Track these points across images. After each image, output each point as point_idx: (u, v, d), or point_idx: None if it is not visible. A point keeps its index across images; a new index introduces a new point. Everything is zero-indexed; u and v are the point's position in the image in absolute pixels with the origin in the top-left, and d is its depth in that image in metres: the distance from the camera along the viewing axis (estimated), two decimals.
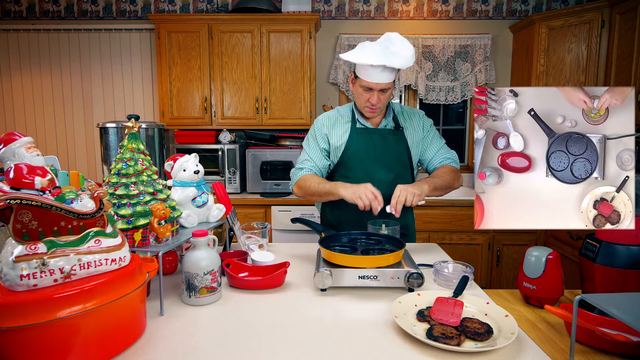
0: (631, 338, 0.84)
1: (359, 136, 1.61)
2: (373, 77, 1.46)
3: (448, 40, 3.33)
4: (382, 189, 1.55)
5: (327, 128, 1.65)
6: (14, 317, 0.68)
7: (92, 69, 3.46)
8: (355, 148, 1.61)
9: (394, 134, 1.62)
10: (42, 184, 0.78)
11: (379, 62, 1.40)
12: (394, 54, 1.43)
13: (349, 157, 1.62)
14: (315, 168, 1.65)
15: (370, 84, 1.48)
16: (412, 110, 1.70)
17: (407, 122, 1.65)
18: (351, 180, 1.58)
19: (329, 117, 1.68)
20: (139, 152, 1.08)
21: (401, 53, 1.44)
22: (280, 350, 0.82)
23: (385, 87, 1.49)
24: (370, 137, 1.61)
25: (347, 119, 1.65)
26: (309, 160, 1.66)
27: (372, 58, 1.41)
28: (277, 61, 3.12)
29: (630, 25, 2.53)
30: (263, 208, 2.98)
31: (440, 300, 0.95)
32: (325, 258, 1.16)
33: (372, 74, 1.46)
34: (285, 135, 3.24)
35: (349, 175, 1.63)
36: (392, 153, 1.61)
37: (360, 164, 1.61)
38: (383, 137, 1.61)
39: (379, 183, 1.57)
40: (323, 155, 1.66)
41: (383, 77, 1.46)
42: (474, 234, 2.91)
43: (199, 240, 1.03)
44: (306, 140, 1.71)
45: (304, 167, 1.65)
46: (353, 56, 1.45)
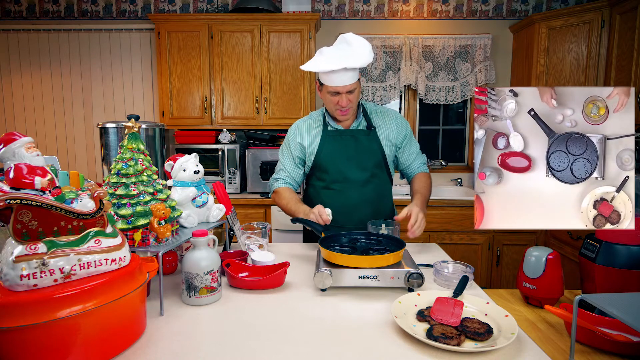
0: (631, 338, 0.84)
1: (331, 138, 1.64)
2: (337, 81, 1.48)
3: (448, 40, 3.33)
4: (357, 188, 1.63)
5: (299, 136, 1.69)
6: (14, 317, 0.68)
7: (92, 69, 3.46)
8: (328, 150, 1.63)
9: (366, 133, 1.63)
10: (42, 184, 0.78)
11: (339, 65, 1.43)
12: (351, 55, 1.45)
13: (322, 159, 1.64)
14: (289, 178, 1.71)
15: (337, 88, 1.50)
16: (386, 110, 1.72)
17: (380, 120, 1.66)
18: (327, 182, 1.65)
19: (301, 124, 1.72)
20: (139, 152, 1.08)
21: (358, 51, 1.46)
22: (280, 350, 0.82)
23: (351, 88, 1.51)
24: (342, 139, 1.63)
25: (319, 123, 1.68)
26: (284, 171, 1.72)
27: (331, 64, 1.44)
28: (277, 61, 3.12)
29: (630, 25, 2.53)
30: (263, 208, 2.98)
31: (440, 300, 0.95)
32: (325, 258, 1.16)
33: (335, 78, 1.48)
34: (285, 135, 3.23)
35: (324, 177, 1.66)
36: (365, 152, 1.62)
37: (333, 166, 1.63)
38: (355, 137, 1.63)
39: (354, 183, 1.63)
40: (296, 164, 1.71)
41: (346, 79, 1.48)
42: (474, 234, 2.91)
43: (199, 240, 1.03)
44: (281, 149, 1.76)
45: (280, 177, 1.72)
46: (313, 65, 1.48)
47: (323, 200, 1.66)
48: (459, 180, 3.49)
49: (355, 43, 1.47)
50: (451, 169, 3.56)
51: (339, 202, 1.62)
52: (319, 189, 1.68)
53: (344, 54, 1.46)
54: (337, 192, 1.64)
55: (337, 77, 1.47)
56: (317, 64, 1.47)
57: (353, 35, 1.50)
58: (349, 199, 1.62)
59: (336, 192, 1.64)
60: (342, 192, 1.63)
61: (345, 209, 1.61)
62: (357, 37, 1.50)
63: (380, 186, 1.68)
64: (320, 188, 1.68)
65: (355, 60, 1.44)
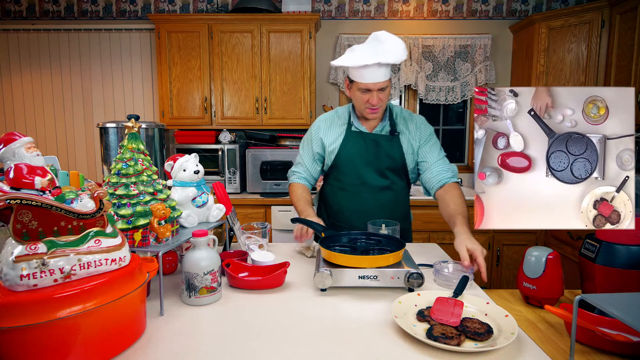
0: (631, 338, 0.84)
1: (353, 140, 1.60)
2: (369, 78, 1.44)
3: (448, 40, 3.33)
4: (373, 193, 1.59)
5: (322, 131, 1.65)
6: (14, 317, 0.68)
7: (92, 69, 3.46)
8: (348, 152, 1.60)
9: (388, 139, 1.58)
10: (42, 184, 0.78)
11: (372, 60, 1.38)
12: (384, 51, 1.41)
13: (342, 161, 1.61)
14: (306, 173, 1.70)
15: (368, 85, 1.45)
16: (412, 115, 1.65)
17: (404, 127, 1.61)
18: (344, 184, 1.63)
19: (326, 119, 1.68)
20: (139, 152, 1.08)
21: (392, 47, 1.42)
22: (280, 350, 0.82)
23: (383, 85, 1.46)
24: (364, 142, 1.59)
25: (344, 120, 1.64)
26: (302, 165, 1.71)
27: (364, 58, 1.39)
28: (277, 61, 3.12)
29: (630, 25, 2.53)
30: (263, 208, 2.98)
31: (440, 300, 0.95)
32: (325, 258, 1.16)
33: (367, 74, 1.43)
34: (285, 135, 3.23)
35: (341, 178, 1.64)
36: (385, 159, 1.59)
37: (352, 169, 1.60)
38: (377, 142, 1.59)
39: (371, 188, 1.59)
40: (315, 159, 1.69)
41: (379, 76, 1.43)
42: (474, 233, 2.90)
43: (199, 240, 1.03)
44: (302, 141, 1.73)
45: (297, 171, 1.72)
46: (345, 60, 1.44)
47: (339, 201, 1.65)
48: (459, 180, 3.48)
49: (388, 40, 1.42)
50: None
51: (354, 205, 1.61)
52: (336, 189, 1.67)
53: (376, 50, 1.41)
54: (353, 194, 1.62)
55: (369, 73, 1.42)
56: (349, 59, 1.42)
57: (386, 33, 1.44)
58: (364, 202, 1.60)
59: (352, 195, 1.62)
60: (358, 195, 1.61)
61: (360, 212, 1.60)
62: (390, 34, 1.44)
63: (398, 193, 1.64)
64: (337, 189, 1.66)
65: (389, 55, 1.39)
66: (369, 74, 1.43)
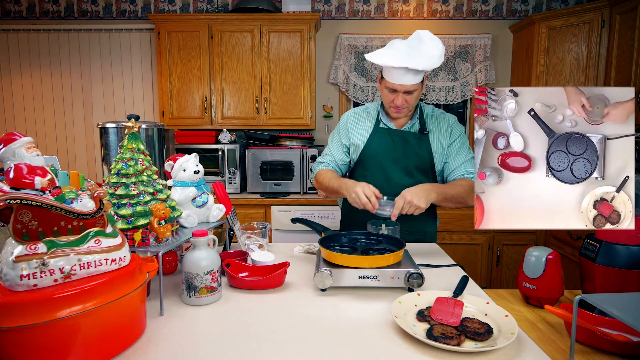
0: (631, 338, 0.84)
1: (380, 136, 1.58)
2: (396, 79, 1.42)
3: (448, 40, 3.33)
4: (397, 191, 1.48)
5: (350, 125, 1.64)
6: (14, 317, 0.68)
7: (92, 69, 3.46)
8: (375, 148, 1.58)
9: (417, 137, 1.56)
10: (42, 184, 0.78)
11: (401, 64, 1.36)
12: (419, 55, 1.38)
13: (368, 156, 1.59)
14: (333, 163, 1.67)
15: (395, 86, 1.44)
16: (443, 115, 1.62)
17: (435, 126, 1.58)
18: (367, 180, 1.54)
19: (355, 113, 1.67)
20: (139, 152, 1.08)
21: (427, 52, 1.39)
22: (280, 351, 0.82)
23: (410, 89, 1.44)
24: (392, 138, 1.57)
25: (373, 116, 1.62)
26: (329, 155, 1.68)
27: (394, 60, 1.37)
28: (277, 61, 3.12)
29: (630, 25, 2.53)
30: (263, 208, 2.98)
31: (440, 300, 0.95)
32: (325, 258, 1.16)
33: (396, 75, 1.41)
34: (285, 135, 3.23)
35: (366, 174, 1.62)
36: (413, 157, 1.56)
37: (377, 165, 1.58)
38: (405, 139, 1.56)
39: (397, 187, 1.52)
40: (344, 151, 1.66)
41: (407, 79, 1.41)
42: (474, 234, 2.91)
43: (199, 240, 1.03)
44: (331, 135, 1.72)
45: (324, 161, 1.68)
46: (376, 57, 1.41)
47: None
48: None
49: (428, 42, 1.40)
50: None
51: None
52: None
53: (412, 52, 1.38)
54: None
55: (398, 75, 1.40)
56: (381, 57, 1.40)
57: (429, 34, 1.41)
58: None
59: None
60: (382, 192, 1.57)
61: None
62: (432, 37, 1.41)
63: None
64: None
65: (421, 62, 1.37)
66: (398, 75, 1.41)
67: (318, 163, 1.69)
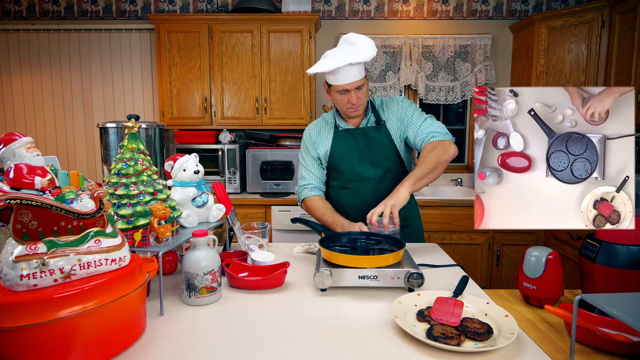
0: (631, 338, 0.84)
1: (342, 139, 1.65)
2: (343, 79, 1.49)
3: (448, 40, 3.33)
4: (372, 185, 1.62)
5: (314, 136, 1.70)
6: (14, 317, 0.68)
7: (92, 69, 3.46)
8: (340, 151, 1.64)
9: (375, 129, 1.63)
10: (42, 184, 0.78)
11: (344, 62, 1.44)
12: (354, 52, 1.46)
13: (336, 160, 1.65)
14: (316, 181, 1.70)
15: (345, 86, 1.51)
16: (391, 99, 1.69)
17: (387, 113, 1.66)
18: (342, 182, 1.66)
19: (315, 126, 1.73)
20: (139, 152, 1.08)
21: (361, 47, 1.47)
22: (280, 351, 0.82)
23: (359, 84, 1.51)
24: (353, 138, 1.64)
25: (331, 124, 1.69)
26: (309, 174, 1.71)
27: (336, 62, 1.45)
28: (277, 61, 3.12)
29: (630, 25, 2.53)
30: (263, 208, 2.98)
31: (440, 300, 0.95)
32: (325, 258, 1.16)
33: (342, 76, 1.49)
34: (285, 135, 3.23)
35: (339, 177, 1.68)
36: (377, 149, 1.63)
37: (347, 165, 1.64)
38: (365, 135, 1.63)
39: (368, 181, 1.63)
40: (318, 164, 1.71)
41: (353, 76, 1.49)
42: (474, 234, 2.91)
43: (199, 240, 1.03)
44: (300, 153, 1.76)
45: (306, 184, 1.70)
46: (319, 67, 1.50)
47: (341, 200, 1.67)
48: (459, 180, 3.49)
49: (357, 41, 1.49)
50: (451, 169, 3.56)
51: (355, 201, 1.64)
52: (337, 189, 1.70)
53: (347, 52, 1.47)
54: (353, 190, 1.65)
55: (343, 75, 1.48)
56: (322, 65, 1.49)
57: (354, 34, 1.51)
58: (365, 196, 1.63)
59: (352, 191, 1.65)
60: (358, 190, 1.64)
61: (363, 206, 1.60)
62: (358, 35, 1.51)
63: (397, 181, 1.62)
64: (337, 188, 1.69)
65: (359, 55, 1.45)
66: (343, 75, 1.48)
67: (301, 187, 1.71)
